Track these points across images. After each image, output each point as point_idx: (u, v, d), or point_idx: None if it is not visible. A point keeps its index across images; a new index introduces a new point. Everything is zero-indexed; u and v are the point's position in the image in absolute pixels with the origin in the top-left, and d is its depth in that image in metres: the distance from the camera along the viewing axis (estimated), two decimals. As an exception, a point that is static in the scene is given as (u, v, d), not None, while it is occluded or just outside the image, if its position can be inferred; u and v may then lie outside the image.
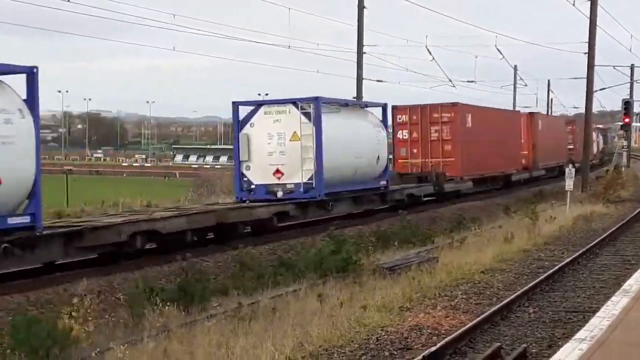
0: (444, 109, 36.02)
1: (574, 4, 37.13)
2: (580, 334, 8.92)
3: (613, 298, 11.25)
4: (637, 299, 10.92)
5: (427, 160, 35.61)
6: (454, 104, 36.40)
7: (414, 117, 35.91)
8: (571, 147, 57.72)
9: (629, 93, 63.90)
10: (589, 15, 40.48)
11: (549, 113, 79.77)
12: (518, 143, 45.28)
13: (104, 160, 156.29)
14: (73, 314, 11.40)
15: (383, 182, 29.96)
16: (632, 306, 10.43)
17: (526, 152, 46.50)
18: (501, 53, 51.88)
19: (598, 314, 10.16)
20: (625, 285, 12.29)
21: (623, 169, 49.00)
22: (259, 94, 28.21)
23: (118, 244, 18.40)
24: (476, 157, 37.11)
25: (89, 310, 11.35)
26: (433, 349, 10.54)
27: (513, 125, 44.32)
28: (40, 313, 13.51)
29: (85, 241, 17.64)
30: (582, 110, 45.14)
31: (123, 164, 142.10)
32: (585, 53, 41.41)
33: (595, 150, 64.47)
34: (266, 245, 21.95)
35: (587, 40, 40.94)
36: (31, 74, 16.47)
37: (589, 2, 40.19)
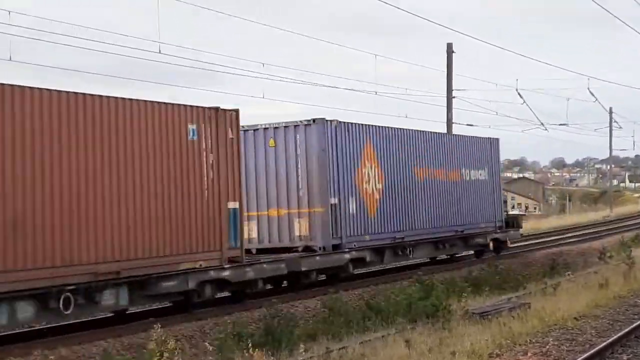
0: None
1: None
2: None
3: None
4: None
5: None
6: None
7: None
8: None
9: None
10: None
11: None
12: None
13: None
14: (165, 355, 11.59)
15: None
16: None
17: None
18: (594, 95, 51.03)
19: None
20: None
21: None
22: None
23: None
24: None
25: (177, 354, 11.52)
26: (522, 396, 10.41)
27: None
28: (132, 357, 13.81)
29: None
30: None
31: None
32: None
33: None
34: (355, 290, 21.94)
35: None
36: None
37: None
